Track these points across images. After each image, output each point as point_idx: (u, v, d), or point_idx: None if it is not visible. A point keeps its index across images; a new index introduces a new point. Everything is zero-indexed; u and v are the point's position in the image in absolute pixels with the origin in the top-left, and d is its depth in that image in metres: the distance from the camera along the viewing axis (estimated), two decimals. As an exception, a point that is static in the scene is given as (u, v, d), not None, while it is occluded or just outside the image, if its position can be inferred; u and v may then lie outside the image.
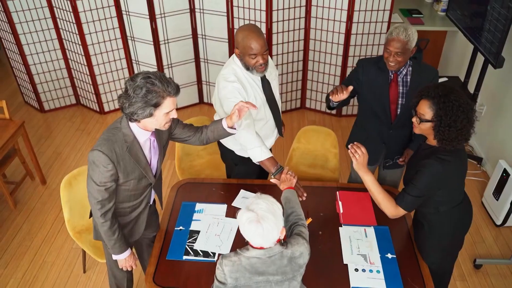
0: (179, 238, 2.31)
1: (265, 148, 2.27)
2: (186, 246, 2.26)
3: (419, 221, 2.15)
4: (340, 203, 2.51)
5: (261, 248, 1.62)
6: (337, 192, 2.57)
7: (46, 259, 3.10)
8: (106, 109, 4.69)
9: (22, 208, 3.53)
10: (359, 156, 2.03)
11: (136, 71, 4.56)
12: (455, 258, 2.25)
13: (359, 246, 2.26)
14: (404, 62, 2.31)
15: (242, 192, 2.58)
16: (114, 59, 4.43)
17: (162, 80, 1.78)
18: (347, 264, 2.16)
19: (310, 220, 2.26)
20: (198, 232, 2.34)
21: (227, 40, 4.23)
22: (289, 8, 3.96)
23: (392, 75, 2.40)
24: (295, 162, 3.15)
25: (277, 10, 3.93)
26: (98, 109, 4.68)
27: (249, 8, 3.96)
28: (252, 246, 1.64)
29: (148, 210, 2.24)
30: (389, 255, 2.20)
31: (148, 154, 2.03)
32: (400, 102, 2.45)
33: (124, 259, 2.13)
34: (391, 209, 2.02)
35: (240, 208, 1.83)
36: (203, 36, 4.34)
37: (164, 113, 1.85)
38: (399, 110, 2.47)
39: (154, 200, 2.35)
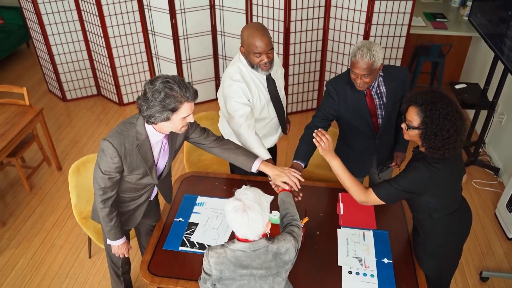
0: (178, 229, 2.35)
1: (264, 149, 2.26)
2: (183, 238, 2.29)
3: (415, 227, 2.12)
4: (341, 204, 2.49)
5: (247, 240, 1.63)
6: (340, 193, 2.55)
7: (55, 242, 3.21)
8: (125, 101, 4.79)
9: (37, 192, 3.66)
10: (324, 143, 2.05)
11: (155, 65, 4.66)
12: (454, 267, 2.19)
13: (356, 249, 2.23)
14: (372, 81, 2.22)
15: (244, 188, 2.59)
16: (135, 52, 4.53)
17: (181, 85, 1.81)
18: (341, 266, 2.14)
19: (306, 219, 2.25)
20: (196, 224, 2.37)
21: (245, 38, 4.25)
22: (307, 7, 3.95)
23: (365, 91, 2.33)
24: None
25: (296, 9, 3.92)
26: (117, 101, 4.79)
27: (267, 6, 3.97)
28: (238, 239, 1.65)
29: (148, 205, 2.29)
30: (386, 260, 2.17)
31: (157, 156, 2.07)
32: (379, 113, 2.39)
33: (118, 246, 2.19)
34: (360, 194, 2.00)
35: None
36: (222, 33, 4.37)
37: (181, 118, 1.87)
38: (380, 121, 2.42)
39: (157, 194, 2.40)
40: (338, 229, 2.35)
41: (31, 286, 2.90)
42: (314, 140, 2.08)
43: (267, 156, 2.25)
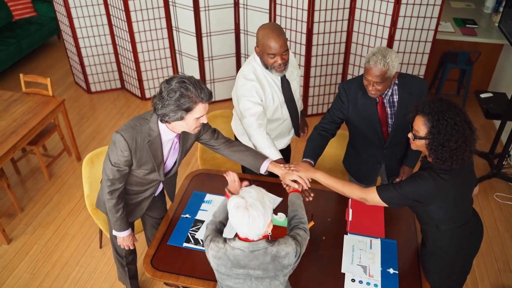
0: (184, 225, 2.36)
1: (274, 149, 2.24)
2: (188, 234, 2.30)
3: (423, 239, 2.05)
4: (350, 210, 2.43)
5: (247, 240, 1.62)
6: (350, 199, 2.50)
7: (68, 231, 3.28)
8: (148, 95, 4.86)
9: (56, 180, 3.75)
10: (299, 185, 2.13)
11: (178, 61, 4.70)
12: (462, 282, 2.11)
13: (361, 257, 2.18)
14: (385, 89, 2.15)
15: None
16: (159, 48, 4.58)
17: (196, 86, 1.83)
18: (344, 274, 2.10)
19: (312, 223, 2.22)
20: (202, 221, 2.37)
21: (267, 37, 4.23)
22: (331, 9, 3.89)
23: (377, 98, 2.24)
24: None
25: (319, 10, 3.87)
26: (140, 95, 4.86)
27: (291, 7, 3.94)
28: (239, 237, 1.64)
29: (152, 199, 2.32)
30: (391, 270, 2.11)
31: (167, 154, 2.09)
32: (390, 122, 2.31)
33: (123, 237, 2.22)
34: (356, 191, 1.96)
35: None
36: (245, 32, 4.37)
37: (195, 118, 1.89)
38: (390, 131, 2.34)
39: (162, 189, 2.42)
40: (345, 235, 2.30)
41: (42, 272, 2.97)
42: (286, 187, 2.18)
43: (277, 156, 2.23)
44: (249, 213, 1.56)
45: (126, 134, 1.92)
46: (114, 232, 2.21)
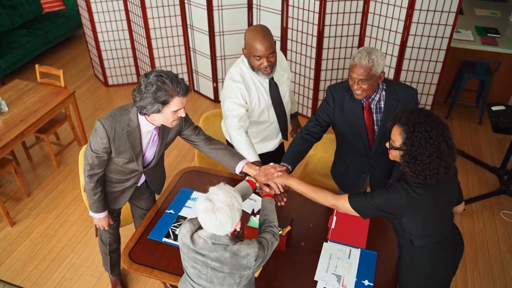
0: (166, 220, 2.40)
1: (253, 151, 2.23)
2: (170, 229, 2.33)
3: (399, 253, 1.99)
4: (334, 218, 2.40)
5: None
6: (335, 206, 2.46)
7: (69, 217, 3.40)
8: (161, 91, 4.94)
9: (64, 169, 3.88)
10: (272, 189, 2.13)
11: (192, 59, 4.76)
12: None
13: (337, 266, 2.15)
14: (371, 90, 2.08)
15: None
16: (173, 45, 4.66)
17: (173, 80, 1.89)
18: (317, 281, 2.07)
19: (289, 228, 2.20)
20: (185, 218, 2.40)
21: (279, 38, 4.22)
22: (343, 12, 3.84)
23: (364, 103, 2.18)
24: (310, 170, 3.07)
25: (331, 13, 3.83)
26: (154, 90, 4.95)
27: (303, 9, 3.91)
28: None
29: (139, 190, 2.40)
30: (366, 282, 2.07)
31: (145, 145, 2.15)
32: (376, 129, 2.24)
33: (98, 219, 2.32)
34: (328, 198, 1.93)
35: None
36: (258, 32, 4.37)
37: (172, 111, 1.95)
38: (375, 138, 2.26)
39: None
40: (324, 243, 2.27)
41: (39, 255, 3.09)
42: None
43: (254, 158, 2.22)
44: (216, 216, 1.59)
45: (105, 122, 2.01)
46: (91, 213, 2.31)
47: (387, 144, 1.79)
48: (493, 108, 3.37)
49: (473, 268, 2.99)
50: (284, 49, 4.31)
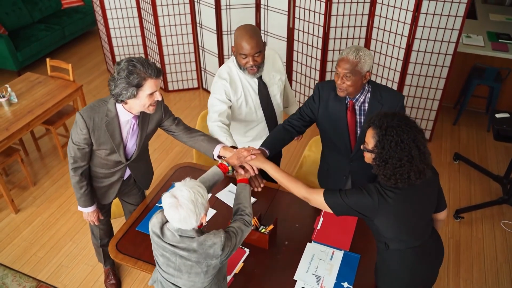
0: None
1: (230, 138, 2.25)
2: (157, 223, 2.39)
3: (377, 256, 1.98)
4: (321, 219, 2.41)
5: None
6: (323, 207, 2.47)
7: (70, 208, 3.50)
8: (170, 88, 5.03)
9: (70, 160, 4.00)
10: (247, 172, 2.12)
11: (201, 57, 4.82)
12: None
13: (318, 267, 2.16)
14: (354, 88, 2.07)
15: (231, 186, 2.62)
16: (183, 42, 4.72)
17: (144, 63, 1.94)
18: (296, 281, 2.09)
19: (272, 227, 2.22)
20: (174, 213, 2.44)
21: (285, 39, 4.24)
22: (349, 14, 3.83)
23: (348, 103, 2.17)
24: (304, 170, 3.07)
25: (336, 15, 3.82)
26: (162, 87, 5.04)
27: (309, 10, 3.92)
28: None
29: (128, 186, 2.45)
30: (346, 284, 2.07)
31: (126, 135, 2.19)
32: (358, 131, 2.23)
33: (87, 213, 2.37)
34: (301, 190, 1.90)
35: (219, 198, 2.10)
36: (265, 32, 4.40)
37: (147, 95, 1.99)
38: (357, 140, 2.25)
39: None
40: (308, 243, 2.28)
41: (39, 243, 3.20)
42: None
43: (231, 143, 2.25)
44: (179, 212, 1.63)
45: (84, 113, 2.06)
46: (79, 208, 2.36)
47: (362, 146, 1.80)
48: (497, 116, 3.30)
49: (466, 277, 2.94)
50: (290, 49, 4.33)
